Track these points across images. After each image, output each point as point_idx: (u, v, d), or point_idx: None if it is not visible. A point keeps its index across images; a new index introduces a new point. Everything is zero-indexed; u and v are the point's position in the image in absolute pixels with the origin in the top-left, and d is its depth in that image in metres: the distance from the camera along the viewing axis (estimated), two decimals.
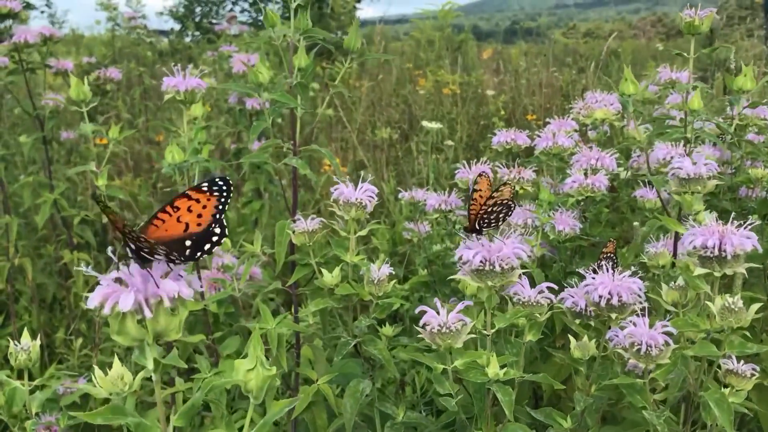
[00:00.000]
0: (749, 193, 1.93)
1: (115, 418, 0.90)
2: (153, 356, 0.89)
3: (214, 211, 0.98)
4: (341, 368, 1.58)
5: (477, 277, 1.27)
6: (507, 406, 1.22)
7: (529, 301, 1.34)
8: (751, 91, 1.68)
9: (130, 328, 0.87)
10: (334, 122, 4.60)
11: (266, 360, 0.93)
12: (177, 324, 0.89)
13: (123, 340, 0.88)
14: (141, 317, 0.87)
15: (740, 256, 1.21)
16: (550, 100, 5.30)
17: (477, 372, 1.27)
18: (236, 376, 0.92)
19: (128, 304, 0.84)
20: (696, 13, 1.62)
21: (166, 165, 1.70)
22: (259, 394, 0.93)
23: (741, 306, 1.21)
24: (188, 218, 0.97)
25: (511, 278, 1.27)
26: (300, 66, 1.62)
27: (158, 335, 0.89)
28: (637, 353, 1.21)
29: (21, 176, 2.79)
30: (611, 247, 1.58)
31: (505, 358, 1.30)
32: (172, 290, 0.87)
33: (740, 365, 1.26)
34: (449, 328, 1.25)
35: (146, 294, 0.86)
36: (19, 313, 2.70)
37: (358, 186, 1.50)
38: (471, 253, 1.25)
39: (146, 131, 4.41)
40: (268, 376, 0.92)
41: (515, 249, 1.26)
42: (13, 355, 1.33)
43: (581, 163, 1.91)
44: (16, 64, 2.70)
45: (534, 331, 1.36)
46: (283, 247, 1.57)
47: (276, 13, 1.61)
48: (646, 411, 1.23)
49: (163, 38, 6.41)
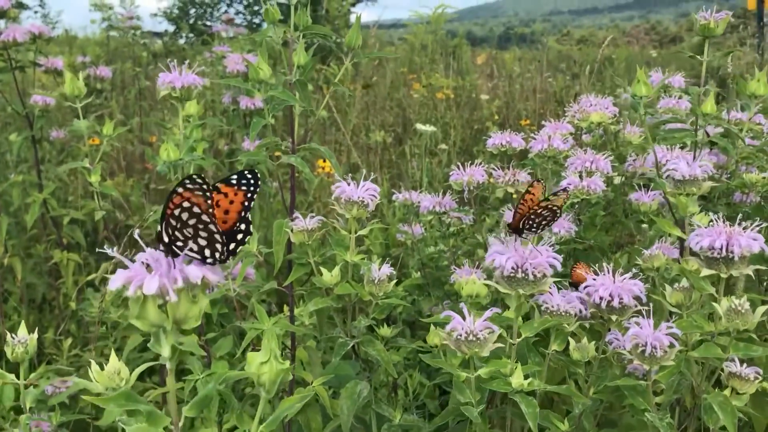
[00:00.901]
0: (744, 198, 1.93)
1: (129, 404, 0.88)
2: (170, 343, 0.87)
3: (241, 207, 0.94)
4: (336, 370, 1.57)
5: (508, 284, 1.23)
6: (532, 419, 1.19)
7: (558, 310, 1.31)
8: (764, 97, 1.67)
9: (150, 313, 0.84)
10: (327, 125, 4.59)
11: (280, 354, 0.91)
12: (197, 312, 0.87)
13: (142, 324, 0.86)
14: (162, 302, 0.85)
15: (746, 257, 1.20)
16: (544, 106, 5.30)
17: (500, 381, 1.24)
18: (249, 369, 0.90)
19: (153, 288, 0.81)
20: (711, 15, 1.61)
21: (162, 163, 1.68)
22: (272, 388, 0.91)
23: (747, 308, 1.20)
24: (217, 214, 0.92)
25: (543, 287, 1.24)
26: (299, 63, 1.60)
27: (177, 322, 0.87)
28: (642, 354, 1.20)
29: (11, 175, 2.77)
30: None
31: (529, 368, 1.27)
32: (196, 275, 0.84)
33: (743, 368, 1.25)
34: (476, 336, 1.21)
35: (170, 278, 0.84)
36: (8, 313, 2.68)
37: (360, 184, 1.49)
38: (503, 258, 1.21)
39: (140, 132, 4.39)
40: (281, 370, 0.90)
41: (549, 258, 1.22)
42: (10, 348, 1.32)
43: (576, 166, 1.91)
44: (5, 62, 2.68)
45: (559, 341, 1.33)
46: (281, 246, 1.55)
47: (276, 9, 1.60)
48: (648, 413, 1.22)
49: (157, 40, 6.39)
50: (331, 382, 1.61)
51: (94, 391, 0.93)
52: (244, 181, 0.94)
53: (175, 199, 0.87)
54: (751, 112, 1.69)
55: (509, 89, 5.75)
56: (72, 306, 2.54)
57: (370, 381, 1.53)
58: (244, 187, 0.94)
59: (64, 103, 2.02)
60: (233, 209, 0.94)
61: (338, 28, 6.53)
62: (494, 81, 6.20)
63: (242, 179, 0.94)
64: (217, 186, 0.94)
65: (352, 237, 1.51)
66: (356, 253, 1.52)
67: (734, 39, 8.40)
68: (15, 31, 2.63)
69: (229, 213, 0.93)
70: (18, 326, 1.37)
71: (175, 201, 0.87)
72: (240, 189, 0.94)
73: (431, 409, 1.93)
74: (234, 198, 0.94)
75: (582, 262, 1.51)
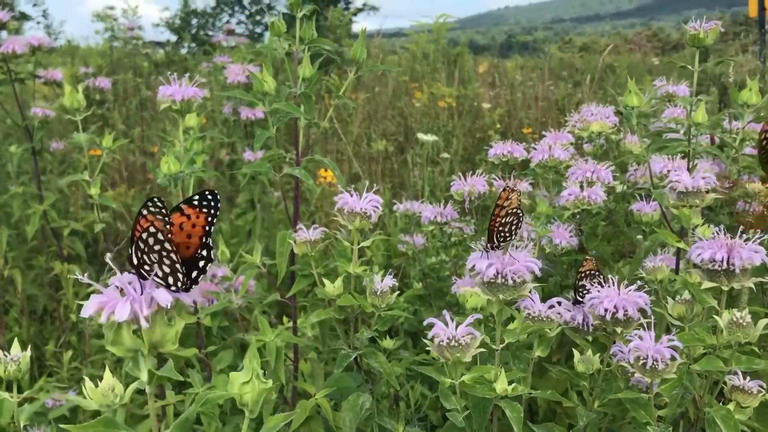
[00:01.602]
0: (747, 208, 1.92)
1: (107, 431, 0.87)
2: (147, 368, 0.87)
3: (202, 231, 0.91)
4: (337, 382, 1.56)
5: (488, 289, 1.24)
6: (516, 423, 1.19)
7: (539, 315, 1.32)
8: (756, 106, 1.67)
9: (125, 338, 0.85)
10: (329, 134, 4.59)
11: (263, 373, 0.90)
12: (173, 335, 0.87)
13: (118, 350, 0.86)
14: (137, 327, 0.84)
15: (748, 270, 1.19)
16: (546, 114, 5.30)
17: (484, 387, 1.24)
18: (231, 389, 0.90)
19: (124, 314, 0.81)
20: (701, 25, 1.61)
21: (162, 175, 1.68)
22: (255, 408, 0.90)
23: (749, 320, 1.19)
24: (179, 239, 0.91)
25: (523, 292, 1.24)
26: (305, 76, 1.60)
27: (154, 346, 0.87)
28: (643, 367, 1.19)
29: (12, 187, 2.77)
30: (589, 264, 1.49)
31: (513, 374, 1.27)
32: (165, 299, 0.84)
33: (746, 381, 1.24)
34: (458, 342, 1.22)
35: (143, 303, 0.84)
36: (9, 324, 2.67)
37: (362, 195, 1.48)
38: (484, 264, 1.23)
39: (141, 142, 4.39)
40: (263, 390, 0.89)
41: (527, 263, 1.23)
42: (2, 365, 1.30)
43: (577, 176, 1.90)
44: (4, 74, 2.68)
45: (543, 346, 1.34)
46: (284, 257, 1.55)
47: (283, 23, 1.60)
48: (650, 426, 1.21)
49: (159, 50, 6.41)
50: (334, 395, 1.60)
51: (88, 409, 0.92)
52: (205, 202, 0.92)
53: (141, 222, 0.86)
54: (744, 121, 1.68)
55: (511, 98, 5.75)
56: (72, 318, 2.53)
57: (372, 393, 1.52)
58: (206, 209, 0.92)
59: (65, 114, 2.01)
60: (195, 233, 0.92)
61: (340, 37, 6.54)
62: (496, 89, 6.20)
63: (203, 200, 0.92)
64: (180, 207, 0.92)
65: (355, 248, 1.50)
66: (359, 264, 1.51)
67: (736, 46, 8.41)
68: (14, 43, 2.63)
69: (191, 237, 0.92)
70: (19, 338, 1.36)
71: (142, 224, 0.86)
72: (201, 211, 0.92)
73: (433, 420, 1.92)
74: (196, 221, 0.92)
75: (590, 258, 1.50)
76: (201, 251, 0.91)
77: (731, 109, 1.77)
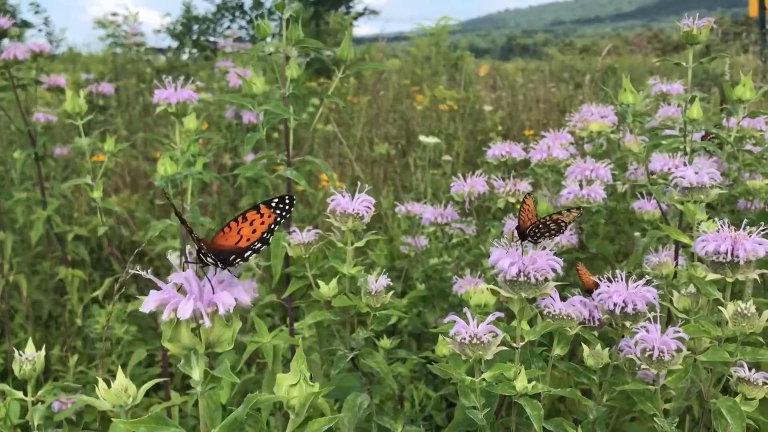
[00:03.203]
0: (748, 205, 1.92)
1: (159, 427, 0.88)
2: (201, 367, 0.87)
3: (266, 228, 0.97)
4: (340, 382, 1.56)
5: (511, 287, 1.24)
6: (536, 421, 1.19)
7: (560, 314, 1.32)
8: (750, 101, 1.67)
9: (183, 336, 0.85)
10: (332, 138, 4.61)
11: (310, 377, 0.90)
12: (230, 335, 0.87)
13: (174, 347, 0.86)
14: (196, 326, 0.85)
15: (752, 262, 1.20)
16: (547, 116, 5.31)
17: (504, 385, 1.24)
18: (279, 392, 0.89)
19: (187, 312, 0.82)
20: (694, 22, 1.62)
21: (159, 178, 1.69)
22: (301, 411, 0.90)
23: (754, 311, 1.20)
24: (244, 232, 0.97)
25: (545, 290, 1.25)
26: (292, 77, 1.62)
27: (210, 345, 0.87)
28: (649, 359, 1.19)
29: (16, 193, 2.78)
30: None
31: (532, 372, 1.27)
32: (228, 302, 0.85)
33: (752, 373, 1.25)
34: (480, 339, 1.22)
35: (204, 303, 0.84)
36: (14, 330, 2.68)
37: (355, 197, 1.49)
38: (507, 262, 1.23)
39: (144, 147, 4.41)
40: (311, 393, 0.89)
41: (549, 261, 1.23)
42: (18, 365, 1.32)
43: (576, 175, 1.90)
44: (6, 80, 2.70)
45: (562, 344, 1.33)
46: (279, 259, 1.55)
47: (268, 24, 1.61)
48: (657, 418, 1.21)
49: (161, 56, 6.43)
50: (336, 395, 1.60)
51: (101, 409, 0.92)
52: (282, 205, 0.99)
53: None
54: (739, 117, 1.69)
55: (512, 100, 5.76)
56: (78, 322, 2.55)
57: (371, 393, 1.53)
58: (278, 211, 0.98)
59: (68, 119, 2.03)
60: (260, 229, 0.97)
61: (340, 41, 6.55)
62: (497, 92, 6.21)
63: (280, 203, 0.99)
64: (259, 205, 0.98)
65: (349, 249, 1.51)
66: (354, 265, 1.52)
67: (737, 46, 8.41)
68: (16, 50, 2.64)
69: (255, 232, 0.97)
70: (24, 343, 1.37)
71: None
72: (274, 212, 0.98)
73: (438, 421, 1.92)
74: (266, 219, 0.98)
75: (581, 265, 1.51)
76: (256, 244, 0.95)
77: (726, 105, 1.78)
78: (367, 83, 6.06)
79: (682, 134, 1.68)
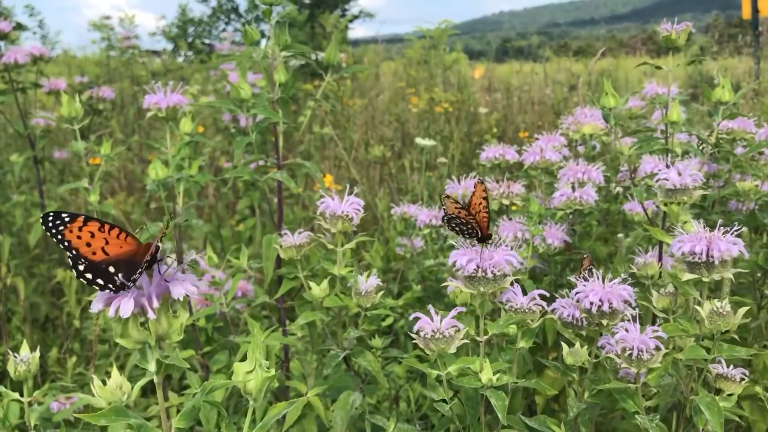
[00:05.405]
0: (739, 207, 1.94)
1: (118, 419, 0.91)
2: (155, 358, 0.90)
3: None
4: (334, 381, 1.58)
5: (470, 283, 1.28)
6: (500, 411, 1.22)
7: (522, 308, 1.35)
8: (729, 103, 1.69)
9: (132, 331, 0.88)
10: (327, 140, 4.62)
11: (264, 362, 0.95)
12: (178, 326, 0.91)
13: (127, 343, 0.90)
14: (144, 320, 0.89)
15: (727, 261, 1.23)
16: (542, 118, 5.33)
17: (471, 378, 1.27)
18: (236, 378, 0.94)
19: (128, 310, 0.85)
20: (672, 27, 1.64)
21: (150, 181, 1.71)
22: (259, 396, 0.95)
23: (729, 310, 1.23)
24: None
25: (503, 285, 1.28)
26: (281, 81, 1.64)
27: (160, 338, 0.90)
28: (629, 358, 1.22)
29: (14, 196, 2.80)
30: (588, 261, 1.57)
31: (499, 365, 1.30)
32: (178, 292, 0.89)
33: (730, 369, 1.28)
34: (442, 334, 1.25)
35: (147, 297, 0.88)
36: (12, 332, 2.69)
37: (344, 199, 1.51)
38: (464, 259, 1.27)
39: (140, 151, 4.42)
40: (267, 378, 0.94)
41: (506, 256, 1.27)
42: (13, 366, 1.34)
43: (568, 177, 1.92)
44: (6, 84, 2.71)
45: (526, 338, 1.37)
46: (270, 261, 1.58)
47: (256, 30, 1.64)
48: (639, 416, 1.24)
49: (156, 58, 6.43)
50: (330, 394, 1.62)
51: (97, 407, 0.95)
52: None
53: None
54: (719, 117, 1.71)
55: (507, 102, 5.78)
56: (76, 324, 2.56)
57: (363, 392, 1.55)
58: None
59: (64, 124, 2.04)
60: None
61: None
62: (492, 94, 6.23)
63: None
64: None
65: (339, 250, 1.53)
66: (346, 266, 1.54)
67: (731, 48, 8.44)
68: (16, 53, 2.66)
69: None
70: (21, 345, 1.39)
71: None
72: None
73: (434, 420, 1.94)
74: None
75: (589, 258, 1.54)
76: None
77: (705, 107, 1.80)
78: (363, 86, 6.08)
79: (663, 136, 1.70)
